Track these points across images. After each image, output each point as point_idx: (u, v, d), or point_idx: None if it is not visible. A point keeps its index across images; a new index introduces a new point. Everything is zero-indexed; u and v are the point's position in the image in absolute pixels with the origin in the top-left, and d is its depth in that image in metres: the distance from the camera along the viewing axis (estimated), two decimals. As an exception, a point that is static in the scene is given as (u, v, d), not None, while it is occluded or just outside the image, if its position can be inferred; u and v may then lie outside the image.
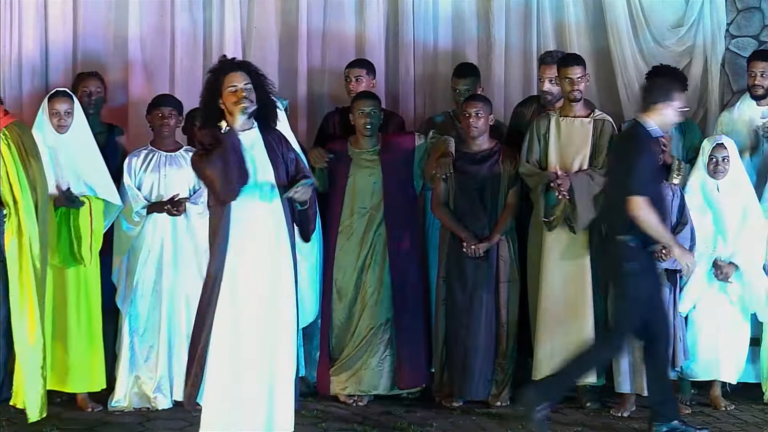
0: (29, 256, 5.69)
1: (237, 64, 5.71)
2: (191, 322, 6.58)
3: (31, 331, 5.72)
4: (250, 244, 5.52)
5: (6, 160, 5.70)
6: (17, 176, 5.69)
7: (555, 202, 6.73)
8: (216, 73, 5.62)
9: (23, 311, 5.69)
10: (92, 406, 6.57)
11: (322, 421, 6.49)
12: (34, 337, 5.73)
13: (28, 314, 5.71)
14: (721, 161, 6.85)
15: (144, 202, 6.61)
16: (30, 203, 5.73)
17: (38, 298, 5.76)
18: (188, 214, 6.64)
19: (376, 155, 6.96)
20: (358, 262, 6.92)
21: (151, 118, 6.81)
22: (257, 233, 5.54)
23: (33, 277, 5.71)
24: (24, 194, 5.70)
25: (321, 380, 6.95)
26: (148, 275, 6.62)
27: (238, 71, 5.60)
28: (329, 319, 6.94)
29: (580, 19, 8.05)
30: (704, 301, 6.88)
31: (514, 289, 6.92)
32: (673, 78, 6.57)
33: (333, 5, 7.96)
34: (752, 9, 8.14)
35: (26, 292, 5.71)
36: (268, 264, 5.53)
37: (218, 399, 5.47)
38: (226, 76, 5.58)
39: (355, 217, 6.93)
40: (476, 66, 7.57)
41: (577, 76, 6.83)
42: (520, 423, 6.50)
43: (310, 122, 7.82)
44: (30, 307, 5.70)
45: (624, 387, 6.74)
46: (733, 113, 7.43)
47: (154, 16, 7.78)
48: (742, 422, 6.65)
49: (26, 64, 7.55)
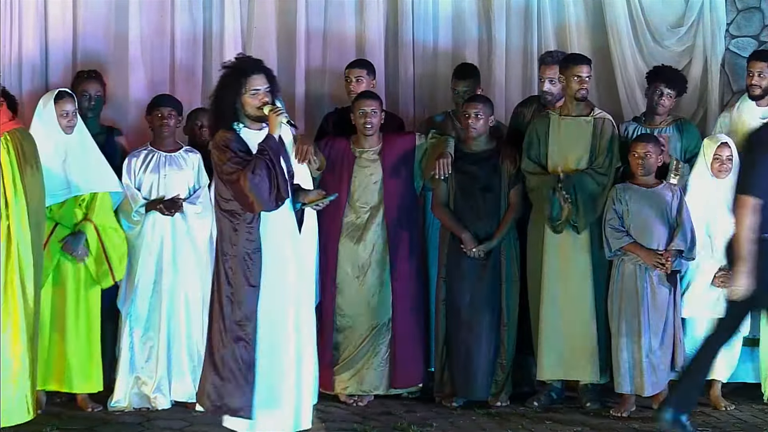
0: (16, 263, 5.67)
1: (259, 66, 5.64)
2: (191, 323, 6.63)
3: (15, 339, 5.70)
4: (282, 248, 5.57)
5: (3, 164, 5.69)
6: (12, 182, 5.69)
7: (560, 207, 6.73)
8: (237, 73, 5.56)
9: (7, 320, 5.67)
10: (92, 406, 6.56)
11: (322, 421, 6.48)
12: (18, 344, 5.71)
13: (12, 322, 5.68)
14: (725, 160, 6.86)
15: (143, 201, 6.61)
16: (22, 209, 5.72)
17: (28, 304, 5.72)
18: (186, 214, 6.65)
19: (377, 155, 6.96)
20: (359, 261, 6.92)
21: (150, 119, 6.81)
22: (286, 236, 5.61)
23: (19, 283, 5.68)
24: (17, 200, 5.69)
25: (322, 379, 6.93)
26: (147, 275, 6.62)
27: (261, 74, 5.56)
28: (330, 318, 6.94)
29: (580, 19, 8.05)
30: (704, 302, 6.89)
31: (515, 289, 6.92)
32: None
33: (333, 5, 7.96)
34: (752, 9, 8.13)
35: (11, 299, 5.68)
36: (297, 265, 5.62)
37: (275, 402, 5.51)
38: (249, 78, 5.53)
39: (356, 217, 6.93)
40: (476, 67, 7.56)
41: (585, 75, 6.85)
42: (520, 423, 6.50)
43: (309, 122, 7.81)
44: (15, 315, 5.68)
45: (624, 387, 6.73)
46: (733, 114, 7.43)
47: (154, 16, 7.77)
48: (742, 422, 6.65)
49: (26, 64, 7.54)
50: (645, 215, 6.73)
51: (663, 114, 7.19)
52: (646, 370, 6.67)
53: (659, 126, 7.18)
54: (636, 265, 6.72)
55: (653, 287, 6.71)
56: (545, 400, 6.90)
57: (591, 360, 6.81)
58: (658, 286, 6.72)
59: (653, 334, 6.69)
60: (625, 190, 6.77)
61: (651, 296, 6.71)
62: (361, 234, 6.93)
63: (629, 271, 6.74)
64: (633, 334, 6.69)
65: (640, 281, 6.71)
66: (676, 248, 6.67)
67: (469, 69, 7.45)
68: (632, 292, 6.71)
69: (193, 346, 6.66)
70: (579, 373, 6.85)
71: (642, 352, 6.67)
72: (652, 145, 6.80)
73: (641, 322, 6.68)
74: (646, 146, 6.78)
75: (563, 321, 6.81)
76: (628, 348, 6.69)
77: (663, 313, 6.72)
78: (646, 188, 6.79)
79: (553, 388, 6.93)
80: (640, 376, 6.68)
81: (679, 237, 6.69)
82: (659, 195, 6.78)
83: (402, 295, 6.94)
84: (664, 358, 6.72)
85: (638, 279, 6.71)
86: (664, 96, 7.13)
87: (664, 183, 6.84)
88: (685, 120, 7.33)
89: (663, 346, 6.71)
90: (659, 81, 7.16)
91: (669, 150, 7.02)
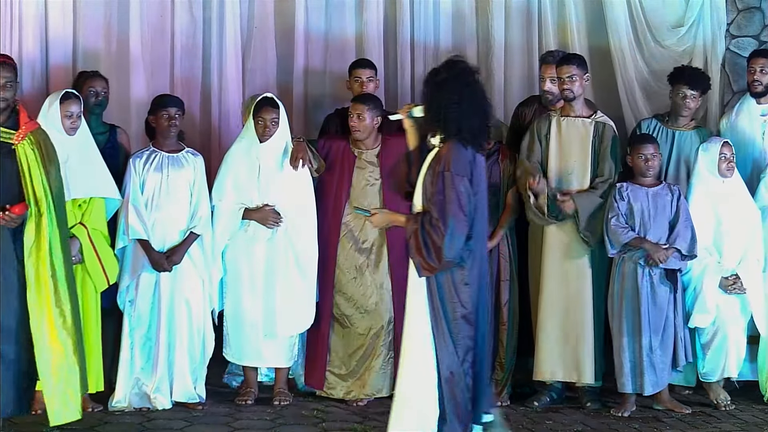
0: (47, 258, 5.68)
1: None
2: (192, 323, 6.64)
3: (52, 334, 5.70)
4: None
5: (31, 163, 5.71)
6: (40, 180, 5.71)
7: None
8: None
9: (42, 314, 5.68)
10: (92, 406, 6.56)
11: (322, 421, 6.49)
12: (56, 339, 5.70)
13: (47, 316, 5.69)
14: (731, 157, 6.86)
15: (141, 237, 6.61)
16: (51, 207, 5.73)
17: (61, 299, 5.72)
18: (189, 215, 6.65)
19: (376, 156, 6.96)
20: (358, 262, 6.92)
21: (155, 119, 6.77)
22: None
23: (50, 278, 5.69)
24: (46, 197, 5.71)
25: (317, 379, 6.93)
26: (148, 276, 6.62)
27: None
28: (330, 318, 6.93)
29: (580, 18, 8.05)
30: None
31: (514, 288, 6.92)
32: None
33: (333, 5, 7.96)
34: (752, 9, 8.14)
35: (43, 294, 5.69)
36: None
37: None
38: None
39: (354, 217, 6.93)
40: None
41: (566, 76, 6.82)
42: (520, 423, 6.50)
43: (308, 122, 7.81)
44: (48, 310, 5.68)
45: (626, 387, 6.73)
46: (733, 115, 7.43)
47: (154, 16, 7.77)
48: (742, 422, 6.65)
49: (26, 63, 7.55)
50: (646, 214, 6.75)
51: (687, 116, 7.19)
52: (647, 369, 6.68)
53: (682, 128, 7.18)
54: (636, 264, 6.72)
55: (653, 286, 6.72)
56: (545, 400, 6.90)
57: (589, 362, 6.81)
58: (658, 285, 6.72)
59: (653, 333, 6.69)
60: (628, 188, 6.78)
61: (651, 295, 6.71)
62: (359, 235, 6.93)
63: (630, 270, 6.74)
64: (634, 333, 6.70)
65: (641, 280, 6.71)
66: (674, 246, 6.68)
67: None
68: (632, 291, 6.72)
69: (193, 346, 6.66)
70: (577, 375, 6.84)
71: (642, 352, 6.67)
72: (655, 147, 6.81)
73: (641, 321, 6.68)
74: (651, 148, 6.79)
75: (562, 321, 6.81)
76: (630, 347, 6.70)
77: (663, 312, 6.72)
78: (648, 188, 6.79)
79: (553, 388, 6.93)
80: (641, 376, 6.69)
81: (678, 237, 6.69)
82: (659, 195, 6.79)
83: (402, 296, 6.91)
84: (664, 358, 6.72)
85: (638, 278, 6.71)
86: (687, 98, 7.12)
87: (663, 183, 6.85)
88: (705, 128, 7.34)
89: (663, 346, 6.72)
90: (681, 83, 7.15)
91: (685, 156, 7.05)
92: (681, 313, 6.79)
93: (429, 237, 5.08)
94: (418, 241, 5.13)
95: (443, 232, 5.05)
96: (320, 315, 6.87)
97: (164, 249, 6.61)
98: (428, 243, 5.09)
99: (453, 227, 5.05)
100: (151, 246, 6.56)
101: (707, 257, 6.82)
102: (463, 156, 5.15)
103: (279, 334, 6.76)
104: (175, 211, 6.65)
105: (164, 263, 6.56)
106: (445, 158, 5.13)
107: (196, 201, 6.67)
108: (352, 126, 6.87)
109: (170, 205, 6.64)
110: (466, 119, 5.16)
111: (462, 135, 5.16)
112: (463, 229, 5.09)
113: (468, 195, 5.10)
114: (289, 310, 6.74)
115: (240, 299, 6.78)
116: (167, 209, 6.64)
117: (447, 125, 5.18)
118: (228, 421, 6.44)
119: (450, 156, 5.13)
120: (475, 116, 5.21)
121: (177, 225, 6.64)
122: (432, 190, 5.13)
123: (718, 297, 6.82)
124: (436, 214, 5.08)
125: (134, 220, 6.54)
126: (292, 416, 6.57)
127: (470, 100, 5.20)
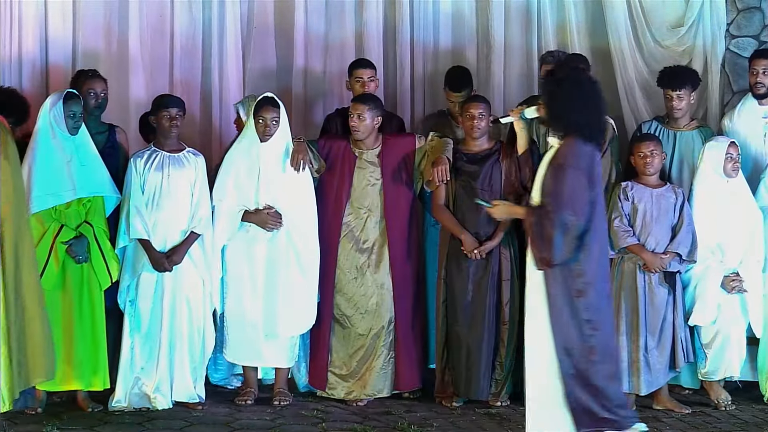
0: None
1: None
2: (192, 323, 6.64)
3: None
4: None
5: None
6: None
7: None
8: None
9: None
10: (92, 406, 6.56)
11: (322, 421, 6.49)
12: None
13: None
14: (737, 158, 6.86)
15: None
16: None
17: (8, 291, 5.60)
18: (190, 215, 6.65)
19: (377, 156, 6.96)
20: (358, 263, 6.92)
21: (157, 119, 6.76)
22: None
23: None
24: None
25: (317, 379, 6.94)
26: (149, 276, 6.62)
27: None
28: (329, 318, 6.93)
29: (580, 19, 8.05)
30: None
31: (516, 287, 6.92)
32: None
33: (332, 5, 7.96)
34: (752, 9, 8.13)
35: None
36: None
37: None
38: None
39: (355, 218, 6.93)
40: (469, 73, 7.50)
41: None
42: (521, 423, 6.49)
43: (307, 122, 7.81)
44: None
45: (623, 386, 6.72)
46: (734, 115, 7.43)
47: (154, 17, 7.78)
48: (742, 422, 6.65)
49: (26, 63, 7.55)
50: (649, 215, 6.75)
51: (682, 116, 7.18)
52: (642, 369, 6.69)
53: (683, 129, 7.19)
54: (636, 264, 6.73)
55: (651, 287, 6.72)
56: None
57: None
58: (656, 286, 6.73)
59: (650, 333, 6.70)
60: (633, 188, 6.78)
61: (649, 295, 6.72)
62: (360, 235, 6.93)
63: (629, 270, 6.75)
64: (631, 332, 6.70)
65: (639, 280, 6.72)
66: (675, 251, 6.68)
67: (463, 80, 7.36)
68: (631, 290, 6.73)
69: (194, 346, 6.66)
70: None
71: (639, 351, 6.68)
72: (655, 144, 6.81)
73: (638, 320, 6.69)
74: (650, 145, 6.79)
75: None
76: (626, 347, 6.70)
77: (661, 313, 6.72)
78: (653, 188, 6.79)
79: None
80: (636, 375, 6.69)
81: (679, 240, 6.69)
82: (664, 196, 6.79)
83: (402, 296, 6.94)
84: (660, 358, 6.73)
85: (637, 278, 6.72)
86: (674, 99, 7.12)
87: (668, 185, 6.85)
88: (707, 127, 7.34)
89: (660, 346, 6.72)
90: (664, 86, 7.18)
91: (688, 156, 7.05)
92: (680, 314, 6.79)
93: (543, 230, 5.29)
94: (534, 234, 5.33)
95: (554, 228, 5.25)
96: (321, 315, 6.88)
97: (165, 249, 6.61)
98: (543, 236, 5.29)
99: (564, 224, 5.25)
100: (151, 246, 6.56)
101: (710, 257, 6.82)
102: (583, 152, 5.35)
103: (280, 334, 6.76)
104: (175, 211, 6.64)
105: (165, 263, 6.56)
106: (565, 153, 5.34)
107: (196, 201, 6.67)
108: (353, 126, 6.88)
109: (171, 205, 6.64)
110: (585, 115, 5.35)
111: (582, 131, 5.34)
112: (574, 226, 5.26)
113: (583, 191, 5.29)
114: (291, 310, 6.74)
115: (241, 299, 6.77)
116: (168, 209, 6.63)
117: (568, 122, 5.36)
118: (228, 421, 6.44)
119: (571, 151, 5.33)
120: (594, 112, 5.42)
121: (178, 225, 6.64)
122: (550, 183, 5.33)
123: (719, 297, 6.83)
124: (550, 207, 5.29)
125: (135, 219, 6.55)
126: (292, 416, 6.57)
127: (589, 97, 5.41)
